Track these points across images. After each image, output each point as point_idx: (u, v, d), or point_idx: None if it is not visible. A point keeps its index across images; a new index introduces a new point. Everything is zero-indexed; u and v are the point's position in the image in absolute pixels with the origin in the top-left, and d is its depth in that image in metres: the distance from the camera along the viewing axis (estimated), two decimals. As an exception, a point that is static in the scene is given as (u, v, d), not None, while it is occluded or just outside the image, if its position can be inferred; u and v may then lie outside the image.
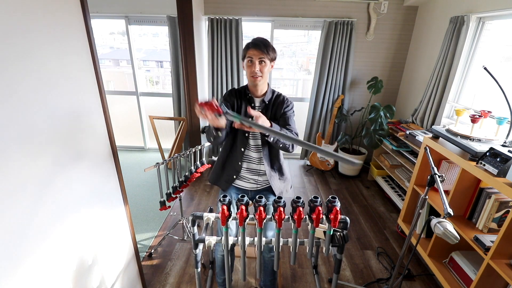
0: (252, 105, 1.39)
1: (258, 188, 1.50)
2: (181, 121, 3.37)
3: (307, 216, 1.00)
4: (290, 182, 1.59)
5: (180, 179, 1.90)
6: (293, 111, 1.43)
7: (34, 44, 0.76)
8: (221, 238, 1.08)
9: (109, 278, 1.23)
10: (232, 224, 1.38)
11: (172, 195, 1.85)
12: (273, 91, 1.43)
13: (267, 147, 1.44)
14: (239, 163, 1.44)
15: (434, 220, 1.09)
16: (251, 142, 1.42)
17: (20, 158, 0.73)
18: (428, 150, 1.42)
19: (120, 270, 1.33)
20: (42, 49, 0.79)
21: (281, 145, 1.28)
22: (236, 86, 3.21)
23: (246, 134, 1.40)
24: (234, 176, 1.46)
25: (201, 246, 1.15)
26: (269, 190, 1.50)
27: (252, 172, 1.47)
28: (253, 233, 2.21)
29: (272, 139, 1.22)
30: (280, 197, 0.98)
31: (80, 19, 0.95)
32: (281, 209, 0.94)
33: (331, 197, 0.96)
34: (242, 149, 1.41)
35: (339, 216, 0.95)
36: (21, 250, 0.74)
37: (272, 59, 1.32)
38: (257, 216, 0.94)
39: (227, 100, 1.39)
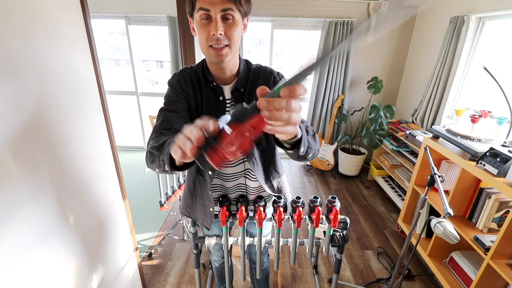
0: (221, 98, 0.82)
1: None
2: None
3: (307, 217, 1.00)
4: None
5: (180, 180, 1.90)
6: None
7: (33, 44, 0.76)
8: (221, 238, 1.08)
9: (109, 278, 1.23)
10: (216, 226, 1.14)
11: (172, 195, 1.85)
12: (248, 64, 0.86)
13: (256, 152, 0.90)
14: (209, 192, 0.93)
15: (434, 220, 1.09)
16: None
17: (18, 157, 0.73)
18: (428, 150, 1.42)
19: (120, 270, 1.33)
20: (42, 49, 0.79)
21: (310, 154, 0.68)
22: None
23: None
24: (211, 209, 0.97)
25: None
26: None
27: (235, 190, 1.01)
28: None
29: (303, 148, 0.61)
30: (280, 197, 0.98)
31: (80, 19, 0.95)
32: (281, 209, 0.94)
33: (331, 197, 0.96)
34: (210, 172, 0.90)
35: (339, 216, 0.95)
36: (23, 246, 0.74)
37: (246, 13, 0.74)
38: (257, 216, 0.94)
39: (178, 91, 0.80)
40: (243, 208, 0.95)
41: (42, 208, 0.82)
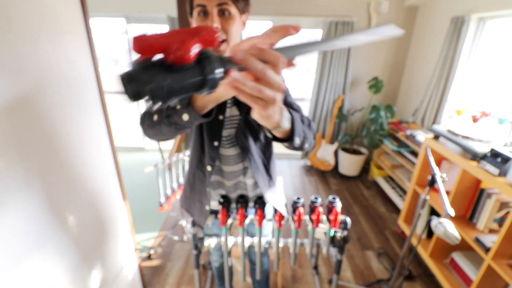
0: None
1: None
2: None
3: (307, 217, 1.00)
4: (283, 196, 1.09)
5: (180, 179, 1.90)
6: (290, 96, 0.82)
7: (33, 44, 0.75)
8: (221, 238, 1.08)
9: (109, 279, 1.23)
10: (216, 225, 1.14)
11: (171, 195, 1.85)
12: None
13: (255, 149, 0.89)
14: (207, 189, 0.95)
15: (435, 221, 1.08)
16: (227, 151, 0.89)
17: (17, 158, 0.72)
18: (429, 150, 1.42)
19: (119, 270, 1.32)
20: (42, 49, 0.78)
21: (306, 144, 0.64)
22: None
23: (216, 142, 0.84)
24: (207, 207, 0.98)
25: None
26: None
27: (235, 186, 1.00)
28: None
29: (298, 140, 0.58)
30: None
31: (80, 19, 0.95)
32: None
33: (331, 198, 0.96)
34: (209, 168, 0.89)
35: (339, 217, 0.95)
36: (22, 247, 0.74)
37: (244, 9, 0.73)
38: (257, 217, 0.94)
39: None
40: (243, 209, 0.94)
41: (41, 209, 0.81)
